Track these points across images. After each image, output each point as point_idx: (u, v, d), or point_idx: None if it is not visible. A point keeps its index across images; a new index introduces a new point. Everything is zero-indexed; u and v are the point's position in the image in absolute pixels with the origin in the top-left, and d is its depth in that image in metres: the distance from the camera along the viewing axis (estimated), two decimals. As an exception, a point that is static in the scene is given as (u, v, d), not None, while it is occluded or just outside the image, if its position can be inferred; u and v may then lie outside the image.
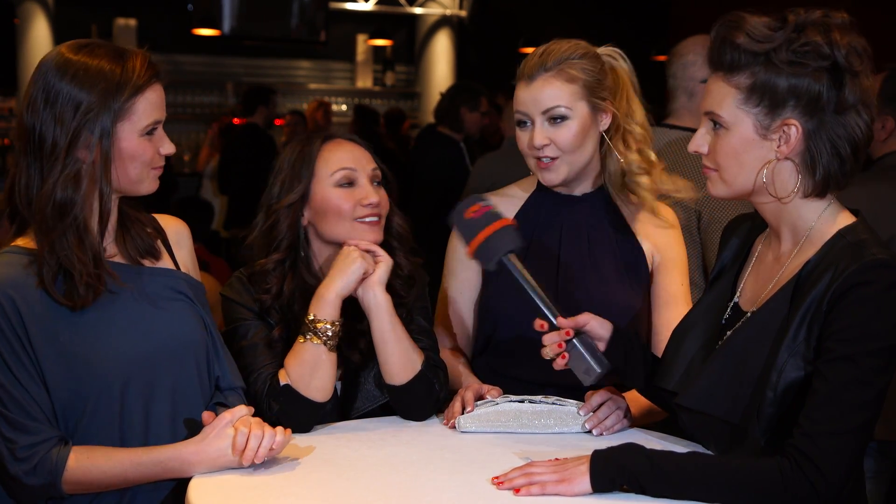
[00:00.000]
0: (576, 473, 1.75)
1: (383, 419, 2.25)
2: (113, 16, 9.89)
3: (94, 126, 1.87)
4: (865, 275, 1.70)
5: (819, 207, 1.84)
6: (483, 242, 2.03)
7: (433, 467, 1.92)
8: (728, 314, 1.93)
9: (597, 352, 1.99)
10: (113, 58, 1.90)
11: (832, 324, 1.71)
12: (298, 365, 2.14)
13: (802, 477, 1.66)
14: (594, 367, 1.96)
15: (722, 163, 1.84)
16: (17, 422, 1.84)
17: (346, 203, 2.25)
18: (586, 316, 2.02)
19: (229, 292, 2.30)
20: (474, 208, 2.06)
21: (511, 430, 2.14)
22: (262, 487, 1.80)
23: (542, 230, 2.43)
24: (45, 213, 1.87)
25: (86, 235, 1.89)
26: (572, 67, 2.31)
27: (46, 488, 1.86)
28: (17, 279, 1.87)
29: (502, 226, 2.04)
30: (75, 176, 1.87)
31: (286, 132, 8.59)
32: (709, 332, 1.93)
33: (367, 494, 1.77)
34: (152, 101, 1.93)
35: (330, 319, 2.14)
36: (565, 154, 2.33)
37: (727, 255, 2.03)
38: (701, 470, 1.72)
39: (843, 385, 1.68)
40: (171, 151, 1.99)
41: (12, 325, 1.85)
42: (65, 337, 1.88)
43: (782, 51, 1.75)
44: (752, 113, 1.79)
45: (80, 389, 1.89)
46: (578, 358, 1.97)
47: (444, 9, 11.02)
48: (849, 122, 1.77)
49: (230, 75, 10.49)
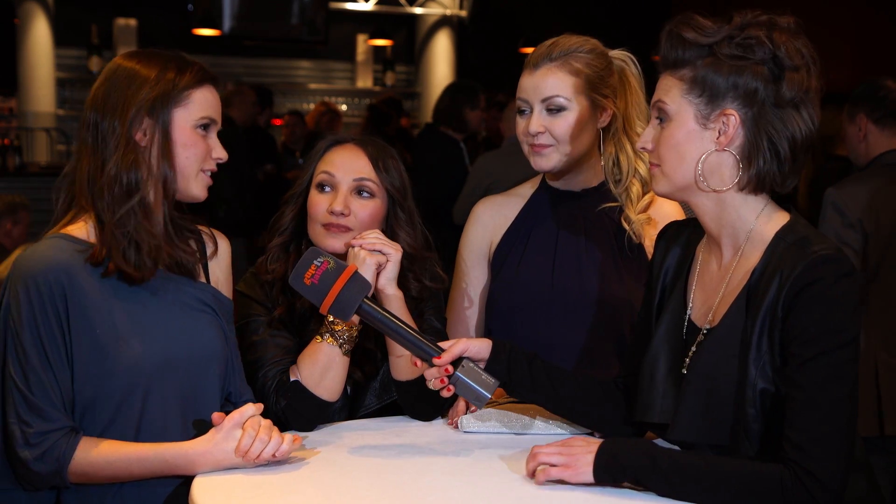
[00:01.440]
0: (581, 462, 1.76)
1: (387, 419, 2.26)
2: (113, 16, 9.88)
3: (152, 109, 1.95)
4: (813, 273, 1.71)
5: (757, 207, 1.86)
6: (334, 302, 1.96)
7: (436, 467, 1.92)
8: (686, 330, 1.93)
9: (482, 375, 1.94)
10: (173, 59, 2.02)
11: (791, 329, 1.72)
12: (311, 364, 2.16)
13: (803, 490, 1.66)
14: (483, 394, 1.93)
15: (664, 155, 1.87)
16: (37, 406, 1.86)
17: (316, 207, 2.28)
18: (462, 343, 1.98)
19: (243, 287, 2.33)
20: (310, 272, 1.98)
21: (514, 430, 2.14)
22: (265, 486, 1.80)
23: (541, 225, 2.46)
24: (112, 193, 1.94)
25: (151, 213, 1.97)
26: (577, 60, 2.33)
27: (52, 476, 1.87)
28: (69, 264, 1.90)
29: (347, 278, 1.96)
30: (135, 159, 1.94)
31: (285, 133, 8.59)
32: (674, 353, 1.93)
33: (369, 494, 1.77)
34: (208, 98, 2.04)
35: (347, 323, 2.14)
36: (559, 144, 2.35)
37: (671, 265, 2.02)
38: (704, 474, 1.72)
39: (817, 386, 1.69)
40: (223, 157, 2.05)
41: (57, 309, 1.87)
42: (101, 330, 1.91)
43: (725, 44, 1.81)
44: (694, 103, 1.83)
45: (105, 385, 1.91)
46: (465, 387, 1.94)
47: (444, 9, 11.02)
48: (787, 117, 1.80)
49: (230, 75, 10.47)
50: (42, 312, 1.87)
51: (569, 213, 2.44)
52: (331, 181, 2.28)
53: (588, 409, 2.06)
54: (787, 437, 1.70)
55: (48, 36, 9.54)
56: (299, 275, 1.98)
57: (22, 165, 8.98)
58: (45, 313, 1.87)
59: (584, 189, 2.45)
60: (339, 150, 2.33)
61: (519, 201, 2.51)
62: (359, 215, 2.26)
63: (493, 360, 2.01)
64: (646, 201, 2.43)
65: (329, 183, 2.28)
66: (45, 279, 1.87)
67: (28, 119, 9.53)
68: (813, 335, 1.70)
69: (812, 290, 1.71)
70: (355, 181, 2.28)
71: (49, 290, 1.87)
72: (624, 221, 2.40)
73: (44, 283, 1.87)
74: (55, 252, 1.91)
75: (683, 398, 1.84)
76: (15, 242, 5.26)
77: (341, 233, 2.25)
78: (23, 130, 9.44)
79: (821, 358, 1.69)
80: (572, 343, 2.37)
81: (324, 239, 2.26)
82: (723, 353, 1.81)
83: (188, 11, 9.96)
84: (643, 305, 2.08)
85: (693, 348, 1.89)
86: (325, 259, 1.99)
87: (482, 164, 5.55)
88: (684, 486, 1.72)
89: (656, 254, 2.06)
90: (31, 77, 9.51)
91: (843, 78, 5.50)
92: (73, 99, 9.85)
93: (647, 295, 2.06)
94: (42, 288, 1.87)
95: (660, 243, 2.07)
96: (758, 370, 1.76)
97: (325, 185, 2.28)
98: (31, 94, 9.53)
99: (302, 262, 2.00)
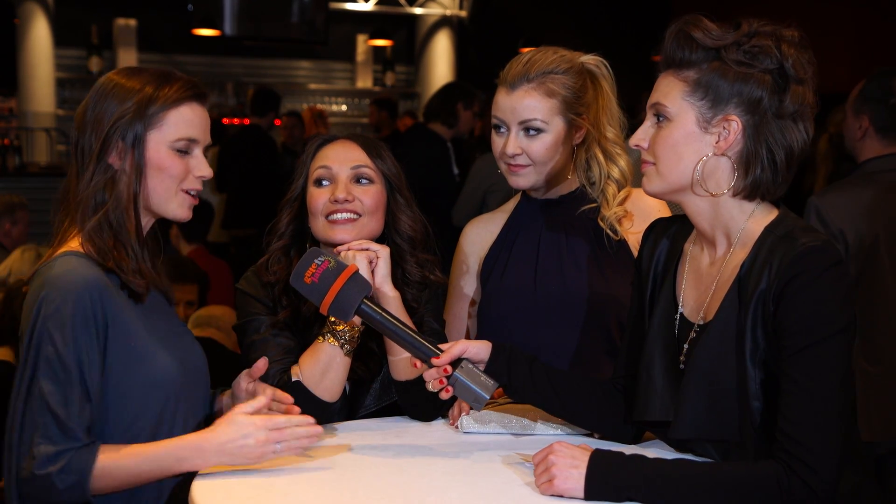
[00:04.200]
0: (570, 478, 1.74)
1: (387, 419, 2.26)
2: (113, 16, 9.87)
3: (126, 132, 1.94)
4: (801, 264, 1.73)
5: (749, 209, 1.87)
6: (334, 301, 1.96)
7: (436, 467, 1.92)
8: (677, 326, 1.94)
9: (481, 377, 1.94)
10: (155, 76, 2.00)
11: (782, 321, 1.74)
12: (313, 364, 2.16)
13: (799, 482, 1.67)
14: (482, 395, 1.93)
15: (661, 154, 1.87)
16: (69, 427, 1.83)
17: (316, 200, 2.28)
18: (461, 345, 1.99)
19: (244, 285, 2.33)
20: (310, 271, 1.98)
21: (513, 431, 2.14)
22: (264, 486, 1.80)
23: (523, 234, 2.50)
24: (85, 211, 1.95)
25: (121, 234, 1.96)
26: (553, 82, 2.36)
27: (74, 488, 1.83)
28: (99, 279, 1.91)
29: (347, 278, 1.96)
30: (108, 181, 1.95)
31: (283, 134, 8.59)
32: (669, 351, 1.93)
33: (369, 494, 1.77)
34: (187, 116, 2.00)
35: (349, 323, 2.14)
36: (536, 164, 2.39)
37: (659, 262, 2.02)
38: (698, 485, 1.72)
39: (810, 377, 1.70)
40: (206, 175, 2.03)
41: (97, 325, 1.88)
42: (135, 342, 1.93)
43: (733, 50, 1.81)
44: (696, 105, 1.84)
45: (145, 395, 1.94)
46: (464, 388, 1.94)
47: (444, 9, 11.02)
48: (787, 128, 1.82)
49: (230, 76, 10.48)
50: (85, 329, 1.86)
51: (549, 220, 2.48)
52: (328, 174, 2.28)
53: (588, 410, 2.06)
54: (781, 428, 1.71)
55: (48, 36, 9.53)
56: (300, 274, 1.98)
57: (22, 165, 8.98)
58: (88, 330, 1.86)
59: (562, 196, 2.49)
60: (332, 146, 2.34)
61: (504, 216, 2.57)
62: (364, 201, 2.27)
63: (493, 361, 2.01)
64: (622, 196, 2.46)
65: (326, 177, 2.28)
66: (90, 295, 1.87)
67: (28, 119, 9.53)
68: (803, 327, 1.71)
69: (800, 281, 1.72)
70: (353, 169, 2.29)
71: (92, 307, 1.87)
72: (600, 221, 2.43)
73: (87, 297, 1.87)
74: (85, 269, 1.91)
75: (685, 395, 1.84)
76: (14, 242, 5.26)
77: (349, 223, 2.26)
78: (22, 130, 9.44)
79: (811, 348, 1.71)
80: (560, 344, 2.39)
81: (330, 232, 2.26)
82: (720, 348, 1.81)
83: (188, 11, 9.94)
84: (632, 304, 2.08)
85: (686, 344, 1.89)
86: (325, 258, 1.99)
87: (481, 167, 5.52)
88: (681, 500, 1.71)
89: (643, 251, 2.06)
90: (30, 77, 9.50)
91: (842, 78, 5.49)
92: (72, 99, 9.83)
93: (637, 294, 2.06)
94: (86, 302, 1.86)
95: (647, 240, 2.07)
96: (755, 363, 1.77)
97: (323, 179, 2.29)
98: (30, 94, 9.52)
99: (302, 262, 2.00)
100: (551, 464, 1.76)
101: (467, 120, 6.21)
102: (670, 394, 1.89)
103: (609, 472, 1.74)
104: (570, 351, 2.39)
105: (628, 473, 1.74)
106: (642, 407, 1.94)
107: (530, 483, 1.81)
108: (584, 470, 1.74)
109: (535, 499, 1.75)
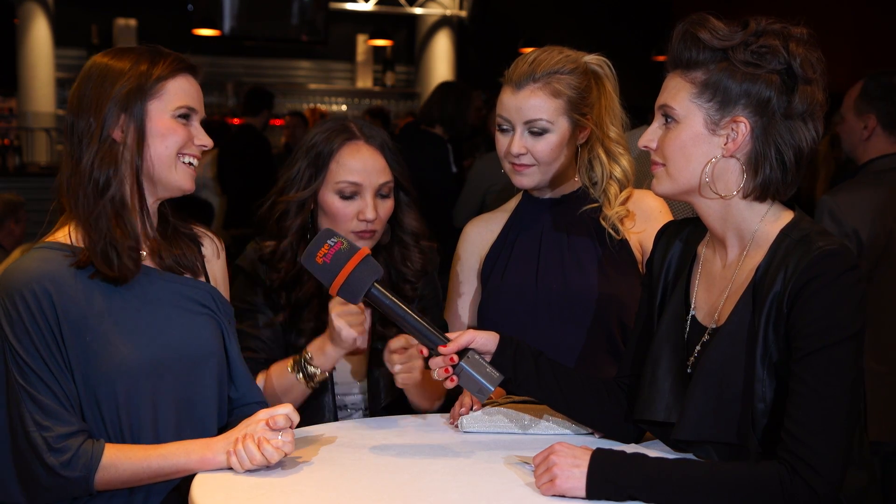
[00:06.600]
0: (571, 477, 1.74)
1: (387, 419, 2.26)
2: (113, 16, 9.89)
3: (127, 105, 1.95)
4: (817, 268, 1.72)
5: (761, 210, 1.86)
6: (344, 283, 1.95)
7: (436, 467, 1.92)
8: (688, 329, 1.93)
9: (486, 368, 1.94)
10: (145, 52, 2.01)
11: (795, 323, 1.73)
12: (276, 384, 2.29)
13: (802, 483, 1.67)
14: (486, 386, 1.92)
15: (669, 156, 1.87)
16: (50, 408, 1.86)
17: (344, 214, 2.34)
18: (469, 334, 1.98)
19: (244, 263, 2.40)
20: (322, 251, 1.96)
21: (513, 431, 2.14)
22: (264, 486, 1.80)
23: (525, 233, 2.50)
24: (85, 191, 1.94)
25: (123, 212, 1.96)
26: (559, 82, 2.36)
27: (80, 482, 1.85)
28: (55, 273, 1.90)
29: (359, 260, 1.95)
30: (111, 156, 1.94)
31: (286, 133, 8.58)
32: (677, 353, 1.93)
33: (369, 494, 1.77)
34: (184, 87, 2.01)
35: (322, 368, 2.26)
36: (540, 164, 2.39)
37: (671, 264, 2.02)
38: (700, 484, 1.71)
39: (819, 380, 1.70)
40: (207, 144, 2.04)
41: (46, 318, 1.87)
42: (91, 336, 1.91)
43: (740, 50, 1.80)
44: (703, 107, 1.83)
45: (103, 389, 1.91)
46: (469, 379, 1.93)
47: (444, 9, 11.02)
48: (796, 128, 1.81)
49: (230, 75, 10.49)
50: (33, 324, 1.86)
51: (551, 219, 2.49)
52: (357, 190, 2.34)
53: (591, 407, 2.06)
54: (787, 429, 1.71)
55: (48, 36, 9.54)
56: (311, 254, 1.97)
57: (22, 165, 8.99)
58: (37, 325, 1.87)
59: (564, 195, 2.49)
60: (356, 154, 2.35)
61: (504, 215, 2.57)
62: (381, 216, 2.35)
63: (500, 354, 2.00)
64: (624, 196, 2.46)
65: (355, 192, 2.33)
66: (31, 291, 1.87)
67: (28, 119, 9.54)
68: (816, 329, 1.71)
69: (815, 284, 1.72)
70: (381, 185, 2.35)
71: (37, 303, 1.87)
72: (602, 221, 2.43)
73: (30, 295, 1.87)
74: (39, 263, 1.91)
75: (691, 397, 1.84)
76: (15, 242, 5.26)
77: (370, 236, 2.35)
78: (22, 130, 9.45)
79: (823, 351, 1.70)
80: (561, 343, 2.39)
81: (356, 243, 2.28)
82: (731, 350, 1.81)
83: (188, 11, 9.95)
84: (641, 306, 2.07)
85: (698, 347, 1.89)
86: (338, 240, 1.99)
87: (481, 168, 5.52)
88: (683, 500, 1.71)
89: (655, 253, 2.06)
90: (30, 77, 9.52)
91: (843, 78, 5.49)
92: (73, 99, 9.84)
93: (647, 295, 2.05)
94: (29, 300, 1.87)
95: (659, 242, 2.06)
96: (765, 365, 1.77)
97: (351, 193, 2.33)
98: (30, 94, 9.53)
99: (315, 242, 1.99)
100: (553, 464, 1.76)
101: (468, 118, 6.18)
102: (675, 395, 1.89)
103: (611, 471, 1.74)
104: (570, 350, 2.39)
105: (630, 472, 1.74)
106: (646, 407, 1.94)
107: (530, 483, 1.80)
108: (585, 469, 1.74)
109: (536, 499, 1.75)
